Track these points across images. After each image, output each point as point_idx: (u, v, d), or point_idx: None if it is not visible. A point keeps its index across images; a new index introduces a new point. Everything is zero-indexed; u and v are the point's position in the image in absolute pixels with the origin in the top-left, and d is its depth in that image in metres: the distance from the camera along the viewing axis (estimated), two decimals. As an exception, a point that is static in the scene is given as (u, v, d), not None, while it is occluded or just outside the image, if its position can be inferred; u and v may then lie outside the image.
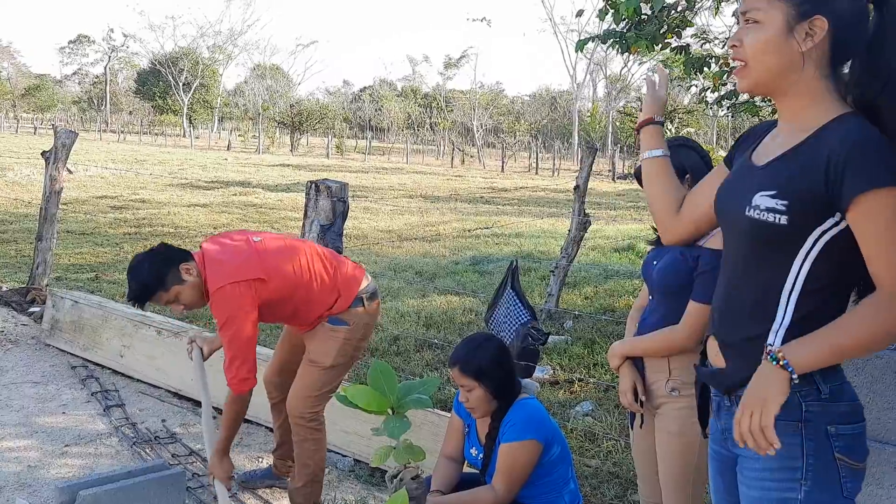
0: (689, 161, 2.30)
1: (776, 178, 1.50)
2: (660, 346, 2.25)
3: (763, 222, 1.49)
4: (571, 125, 55.12)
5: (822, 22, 1.46)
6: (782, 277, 1.50)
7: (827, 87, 1.50)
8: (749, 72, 1.55)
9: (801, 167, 1.46)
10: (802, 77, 1.50)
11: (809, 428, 1.49)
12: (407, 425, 1.87)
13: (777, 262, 1.51)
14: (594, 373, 5.30)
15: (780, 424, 1.48)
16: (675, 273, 2.26)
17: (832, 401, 1.49)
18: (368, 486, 3.61)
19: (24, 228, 10.40)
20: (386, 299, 7.44)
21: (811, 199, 1.44)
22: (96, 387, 4.69)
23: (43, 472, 3.54)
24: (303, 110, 48.14)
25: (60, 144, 6.48)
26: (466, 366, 2.56)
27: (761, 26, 1.51)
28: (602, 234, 12.46)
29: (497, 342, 2.67)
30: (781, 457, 1.49)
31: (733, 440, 1.57)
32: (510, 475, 2.50)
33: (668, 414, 2.27)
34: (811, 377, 1.49)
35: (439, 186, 23.14)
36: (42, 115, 63.82)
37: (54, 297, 5.56)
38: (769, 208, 1.48)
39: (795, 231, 1.47)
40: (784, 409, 1.48)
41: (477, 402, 2.56)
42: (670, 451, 2.28)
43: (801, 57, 1.49)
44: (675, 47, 6.61)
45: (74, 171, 7.62)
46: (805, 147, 1.48)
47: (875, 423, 2.02)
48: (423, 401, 1.95)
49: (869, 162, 1.40)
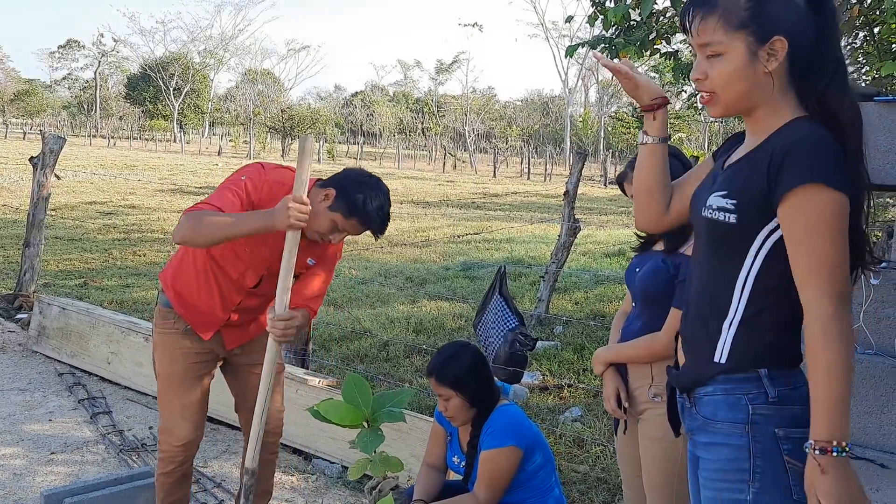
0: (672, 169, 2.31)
1: (729, 179, 1.56)
2: (642, 352, 2.27)
3: (715, 221, 1.54)
4: (563, 130, 55.33)
5: (781, 42, 1.51)
6: (735, 275, 1.54)
7: (786, 96, 1.55)
8: (719, 100, 1.59)
9: (751, 168, 1.52)
10: (773, 94, 1.55)
11: (756, 430, 1.51)
12: (381, 439, 1.87)
13: (731, 260, 1.55)
14: (583, 378, 5.31)
15: (728, 426, 1.53)
16: (655, 280, 2.27)
17: (781, 404, 1.51)
18: (356, 493, 3.60)
19: (12, 234, 10.35)
20: (376, 305, 7.44)
21: (758, 198, 1.48)
22: (83, 394, 4.67)
23: (29, 480, 3.52)
24: (294, 115, 48.07)
25: (48, 150, 6.47)
26: (442, 375, 2.56)
27: (724, 58, 1.55)
28: (593, 239, 12.49)
29: (473, 349, 2.67)
30: (731, 458, 1.53)
31: (694, 440, 1.63)
32: (491, 482, 2.50)
33: (651, 420, 2.28)
34: (758, 380, 1.52)
35: (431, 192, 23.15)
36: (31, 120, 63.56)
37: (41, 304, 5.54)
38: (720, 207, 1.53)
39: (744, 230, 1.51)
40: (731, 410, 1.53)
41: (455, 410, 2.56)
42: (653, 456, 2.29)
43: (768, 77, 1.53)
44: (665, 53, 6.64)
45: (63, 177, 7.59)
46: (757, 150, 1.54)
47: (854, 428, 2.03)
48: (396, 414, 1.95)
49: (803, 159, 1.43)
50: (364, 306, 7.37)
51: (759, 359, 1.52)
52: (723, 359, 1.55)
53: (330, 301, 7.41)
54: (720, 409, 1.55)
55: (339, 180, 2.59)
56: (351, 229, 2.58)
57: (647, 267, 2.33)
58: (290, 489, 3.59)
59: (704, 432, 1.59)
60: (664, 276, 2.26)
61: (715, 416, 1.56)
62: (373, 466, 1.87)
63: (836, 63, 1.52)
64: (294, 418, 4.00)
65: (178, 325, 2.71)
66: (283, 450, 4.04)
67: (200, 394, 2.76)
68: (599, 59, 1.88)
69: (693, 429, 1.64)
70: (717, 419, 1.55)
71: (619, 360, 2.35)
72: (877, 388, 1.99)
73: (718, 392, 1.55)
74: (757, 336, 1.53)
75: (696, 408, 1.60)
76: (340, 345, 5.97)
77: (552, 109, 64.59)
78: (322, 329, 6.19)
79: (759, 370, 1.52)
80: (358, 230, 2.60)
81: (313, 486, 3.64)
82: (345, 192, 2.53)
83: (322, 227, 2.54)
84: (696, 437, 1.63)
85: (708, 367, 1.58)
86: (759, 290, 1.52)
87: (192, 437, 2.75)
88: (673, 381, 1.73)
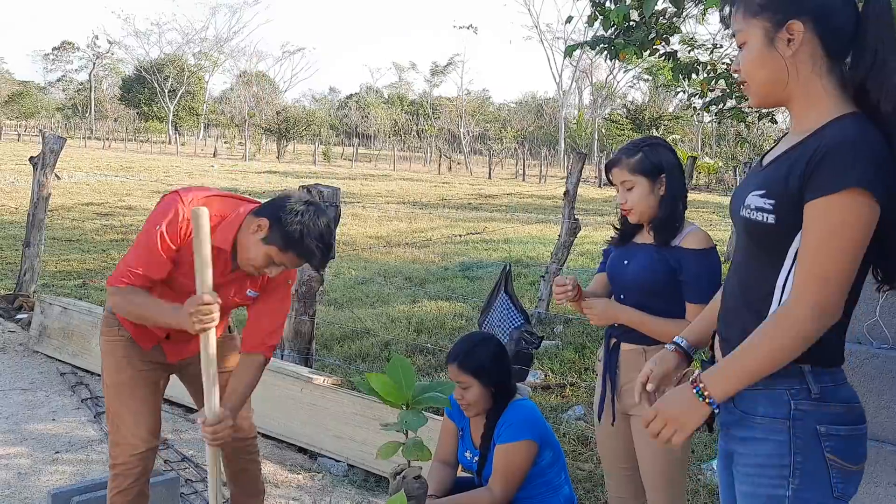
0: (666, 160, 2.32)
1: (767, 178, 1.53)
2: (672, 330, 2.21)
3: (753, 221, 1.52)
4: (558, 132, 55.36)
5: (797, 25, 1.48)
6: (776, 275, 1.52)
7: (826, 85, 1.51)
8: (750, 89, 1.59)
9: (790, 167, 1.48)
10: (799, 81, 1.51)
11: (798, 426, 1.49)
12: (424, 420, 1.87)
13: (771, 260, 1.52)
14: (585, 377, 5.31)
15: (767, 421, 1.51)
16: (653, 274, 2.27)
17: (823, 401, 1.50)
18: (363, 491, 3.59)
19: (10, 235, 10.32)
20: (376, 305, 7.44)
21: (796, 198, 1.46)
22: (86, 393, 4.65)
23: (34, 480, 3.51)
24: (289, 117, 47.98)
25: (49, 150, 6.44)
26: (465, 362, 2.55)
27: (747, 45, 1.55)
28: (590, 239, 12.50)
29: (495, 341, 2.67)
30: (771, 454, 1.51)
31: (730, 435, 1.61)
32: (507, 476, 2.50)
33: None
34: (802, 376, 1.50)
35: (427, 193, 23.14)
36: (26, 122, 63.35)
37: (42, 304, 5.52)
38: (758, 207, 1.51)
39: (783, 229, 1.49)
40: (772, 405, 1.51)
41: (473, 399, 2.55)
42: (654, 450, 2.27)
43: (794, 63, 1.50)
44: (663, 53, 6.66)
45: (61, 178, 7.57)
46: (798, 148, 1.50)
47: (871, 422, 2.03)
48: (441, 399, 1.95)
49: (838, 163, 1.40)
50: (364, 306, 7.36)
51: (802, 355, 1.48)
52: None
53: (330, 301, 7.40)
54: (760, 404, 1.53)
55: (275, 209, 2.35)
56: (289, 262, 2.37)
57: (639, 261, 2.32)
58: (296, 487, 3.58)
59: (742, 427, 1.57)
60: (663, 270, 2.25)
61: (755, 410, 1.54)
62: (405, 449, 1.87)
63: (875, 49, 1.47)
64: (299, 417, 4.00)
65: (122, 332, 2.57)
66: (289, 448, 4.04)
67: (152, 402, 2.59)
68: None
69: (729, 423, 1.61)
70: (757, 414, 1.53)
71: (642, 326, 2.28)
72: (893, 383, 1.99)
73: (759, 386, 1.52)
74: None
75: (734, 402, 1.57)
76: (342, 344, 5.96)
77: (546, 111, 64.64)
78: (324, 329, 6.18)
79: (802, 366, 1.50)
80: (296, 263, 2.40)
81: (319, 484, 3.63)
82: (279, 222, 2.31)
83: (256, 261, 2.35)
84: (732, 431, 1.60)
85: None
86: None
87: (149, 446, 2.55)
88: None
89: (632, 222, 2.36)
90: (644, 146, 2.33)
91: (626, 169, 2.30)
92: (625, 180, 2.30)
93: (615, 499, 2.51)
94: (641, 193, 2.28)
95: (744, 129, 12.76)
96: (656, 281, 2.26)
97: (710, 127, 42.22)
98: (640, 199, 2.28)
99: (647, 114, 42.41)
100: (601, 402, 2.43)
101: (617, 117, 46.29)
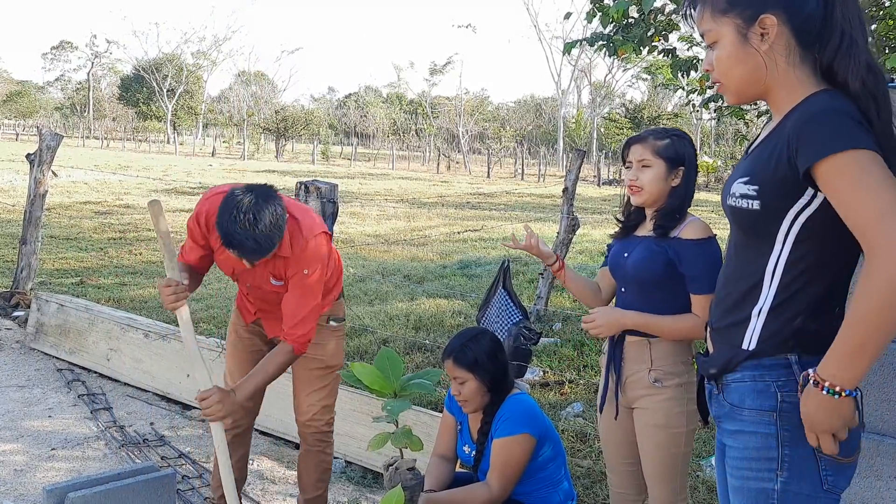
0: (689, 155, 2.32)
1: (751, 164, 1.53)
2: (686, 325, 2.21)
3: (738, 209, 1.52)
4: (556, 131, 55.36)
5: (770, 19, 1.48)
6: (765, 261, 1.51)
7: (800, 74, 1.51)
8: (726, 88, 1.58)
9: (770, 150, 1.49)
10: (777, 73, 1.51)
11: (785, 418, 1.48)
12: (407, 404, 1.86)
13: (759, 247, 1.52)
14: (584, 374, 5.30)
15: (755, 413, 1.50)
16: (651, 265, 2.25)
17: None
18: (360, 488, 3.58)
19: (7, 233, 10.29)
20: (375, 302, 7.42)
21: (780, 179, 1.45)
22: (83, 390, 4.63)
23: (30, 476, 3.49)
24: (288, 116, 47.96)
25: (45, 147, 6.42)
26: (460, 357, 2.53)
27: (719, 44, 1.54)
28: (589, 237, 12.49)
29: (491, 335, 2.65)
30: (759, 447, 1.50)
31: (722, 428, 1.60)
32: (504, 471, 2.48)
33: (652, 406, 2.26)
34: (788, 367, 1.49)
35: (425, 192, 23.12)
36: (24, 121, 63.27)
37: (39, 301, 5.49)
38: (743, 194, 1.51)
39: (769, 215, 1.48)
40: (760, 397, 1.50)
41: (470, 394, 2.53)
42: (657, 444, 2.26)
43: (770, 56, 1.50)
44: (662, 50, 6.64)
45: (58, 176, 7.54)
46: (774, 131, 1.51)
47: (872, 416, 2.02)
48: (425, 385, 1.94)
49: (821, 130, 1.39)
50: (363, 303, 7.34)
51: (788, 344, 1.48)
52: (751, 345, 1.53)
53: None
54: (748, 397, 1.52)
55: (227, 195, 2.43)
56: (236, 257, 2.47)
57: (638, 252, 2.30)
58: (293, 484, 3.57)
59: (731, 420, 1.56)
60: (660, 261, 2.24)
61: (742, 403, 1.53)
62: (394, 438, 1.86)
63: (842, 30, 1.47)
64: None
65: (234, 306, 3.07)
66: (286, 444, 4.03)
67: (247, 363, 2.94)
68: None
69: (720, 416, 1.61)
70: (745, 406, 1.52)
71: (647, 328, 2.27)
72: (894, 377, 1.98)
73: (747, 378, 1.52)
74: (787, 322, 1.50)
75: (724, 395, 1.57)
76: (340, 342, 5.93)
77: (545, 111, 64.65)
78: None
79: (788, 356, 1.49)
80: (232, 251, 2.42)
81: (317, 481, 3.61)
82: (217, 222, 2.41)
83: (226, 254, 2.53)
84: (723, 424, 1.60)
85: (736, 354, 1.55)
86: (790, 276, 1.49)
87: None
88: (701, 367, 1.70)
89: (635, 203, 2.34)
90: (673, 135, 2.35)
91: (650, 149, 2.30)
92: (644, 159, 2.30)
93: (617, 494, 2.49)
94: (656, 176, 2.28)
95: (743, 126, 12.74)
96: (655, 272, 2.25)
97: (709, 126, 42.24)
98: (653, 181, 2.28)
99: (645, 113, 42.39)
100: (604, 395, 2.41)
101: (616, 116, 46.27)
